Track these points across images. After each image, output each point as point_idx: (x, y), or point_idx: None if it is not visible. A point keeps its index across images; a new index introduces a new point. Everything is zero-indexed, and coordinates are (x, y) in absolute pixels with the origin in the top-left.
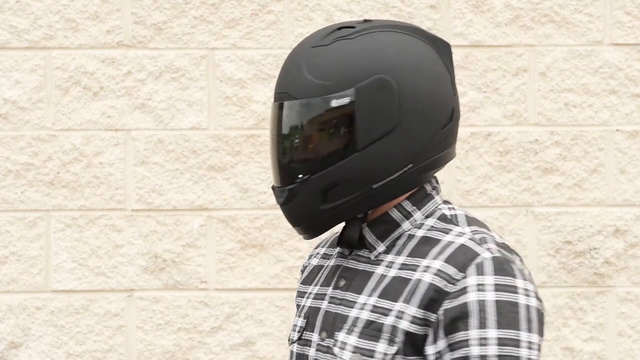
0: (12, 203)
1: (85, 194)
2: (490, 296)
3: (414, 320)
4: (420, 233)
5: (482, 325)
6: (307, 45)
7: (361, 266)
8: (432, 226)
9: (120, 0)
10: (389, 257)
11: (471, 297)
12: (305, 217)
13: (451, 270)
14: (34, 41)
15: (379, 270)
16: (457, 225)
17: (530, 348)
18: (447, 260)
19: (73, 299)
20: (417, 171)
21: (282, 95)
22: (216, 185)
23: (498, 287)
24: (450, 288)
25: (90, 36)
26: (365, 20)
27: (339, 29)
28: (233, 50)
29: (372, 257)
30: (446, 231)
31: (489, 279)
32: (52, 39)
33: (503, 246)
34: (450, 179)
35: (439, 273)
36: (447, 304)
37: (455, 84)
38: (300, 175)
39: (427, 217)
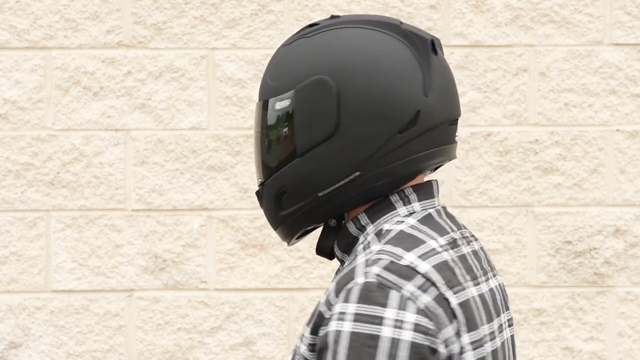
0: (12, 203)
1: (85, 194)
2: (347, 327)
3: (308, 346)
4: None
5: None
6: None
7: None
8: (368, 242)
9: (120, 0)
10: None
11: (332, 326)
12: (273, 222)
13: (332, 295)
14: (34, 41)
15: None
16: (379, 242)
17: None
18: (336, 284)
19: (73, 299)
20: (368, 180)
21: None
22: (216, 185)
23: (357, 317)
24: (327, 314)
25: (90, 36)
26: (333, 17)
27: (308, 26)
28: (233, 50)
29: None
30: (365, 248)
31: (351, 308)
32: (52, 39)
33: (398, 271)
34: (450, 179)
35: (327, 297)
36: (321, 332)
37: (430, 83)
38: (260, 179)
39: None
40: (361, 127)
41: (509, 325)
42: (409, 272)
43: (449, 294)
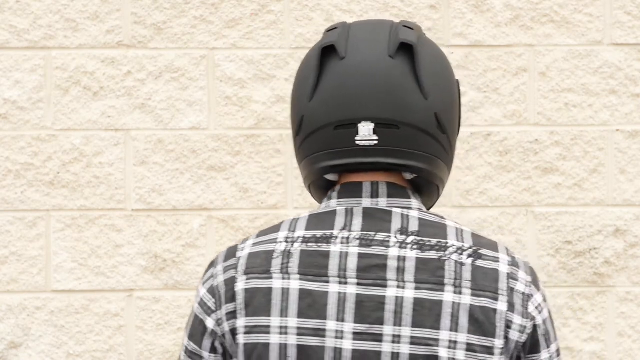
0: (12, 203)
1: (85, 194)
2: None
3: None
4: None
5: None
6: None
7: None
8: None
9: (120, 0)
10: None
11: None
12: None
13: None
14: (34, 41)
15: None
16: None
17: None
18: None
19: (73, 299)
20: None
21: None
22: (216, 185)
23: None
24: None
25: (90, 36)
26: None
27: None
28: (233, 50)
29: None
30: None
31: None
32: (52, 39)
33: (227, 252)
34: (450, 179)
35: None
36: None
37: (315, 89)
38: None
39: None
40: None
41: (425, 342)
42: (230, 255)
43: (241, 279)
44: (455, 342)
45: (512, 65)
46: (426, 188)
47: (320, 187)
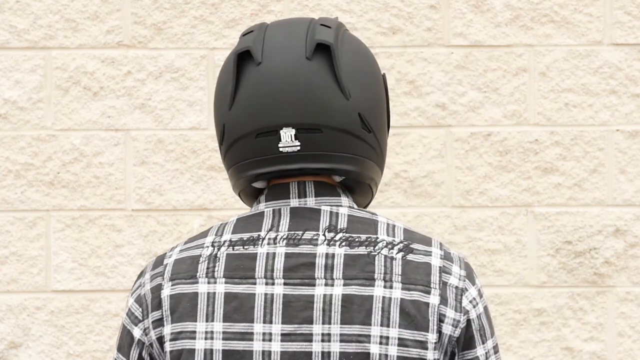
0: (12, 203)
1: (85, 194)
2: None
3: None
4: None
5: None
6: None
7: None
8: None
9: (120, 0)
10: None
11: None
12: None
13: None
14: (34, 41)
15: None
16: None
17: None
18: None
19: (73, 299)
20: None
21: None
22: (216, 185)
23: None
24: None
25: (90, 36)
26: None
27: None
28: None
29: None
30: None
31: None
32: (52, 39)
33: (155, 260)
34: (450, 179)
35: None
36: None
37: (234, 97)
38: None
39: None
40: None
41: (357, 339)
42: (158, 263)
43: (166, 285)
44: (387, 337)
45: (512, 65)
46: (358, 188)
47: (249, 194)
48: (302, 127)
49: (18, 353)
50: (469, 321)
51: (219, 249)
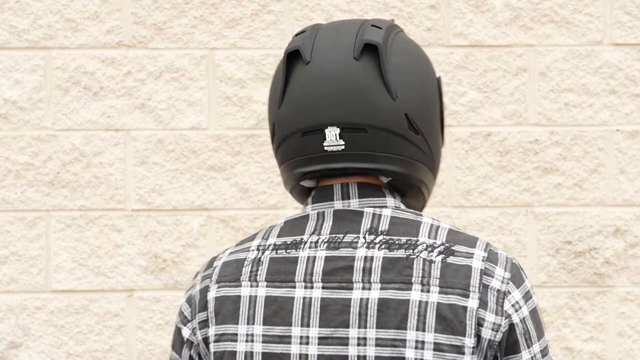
0: (12, 203)
1: (85, 194)
2: None
3: None
4: None
5: None
6: None
7: None
8: None
9: (120, 0)
10: None
11: None
12: None
13: None
14: (34, 41)
15: None
16: None
17: None
18: None
19: (73, 299)
20: None
21: None
22: (216, 185)
23: None
24: None
25: (90, 36)
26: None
27: None
28: (233, 50)
29: None
30: None
31: None
32: (52, 39)
33: (206, 262)
34: (450, 179)
35: None
36: None
37: (283, 96)
38: None
39: None
40: None
41: (391, 343)
42: (209, 264)
43: (213, 288)
44: (423, 342)
45: (512, 65)
46: (408, 190)
47: (299, 193)
48: (347, 126)
49: (18, 353)
50: (511, 325)
51: (263, 253)
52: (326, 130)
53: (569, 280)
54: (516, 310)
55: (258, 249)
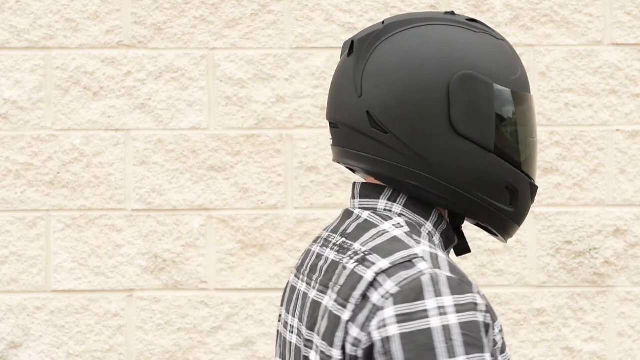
0: (12, 203)
1: (85, 194)
2: None
3: None
4: None
5: None
6: None
7: None
8: None
9: (120, 0)
10: None
11: None
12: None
13: None
14: (34, 41)
15: None
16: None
17: None
18: None
19: (73, 299)
20: None
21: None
22: (216, 185)
23: None
24: None
25: (90, 36)
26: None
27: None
28: (233, 50)
29: None
30: None
31: None
32: (52, 39)
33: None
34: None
35: None
36: None
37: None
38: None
39: None
40: None
41: (304, 343)
42: None
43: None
44: (318, 346)
45: None
46: (404, 190)
47: None
48: (330, 121)
49: (18, 353)
50: (372, 343)
51: (313, 244)
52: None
53: (569, 280)
54: (379, 328)
55: (315, 242)
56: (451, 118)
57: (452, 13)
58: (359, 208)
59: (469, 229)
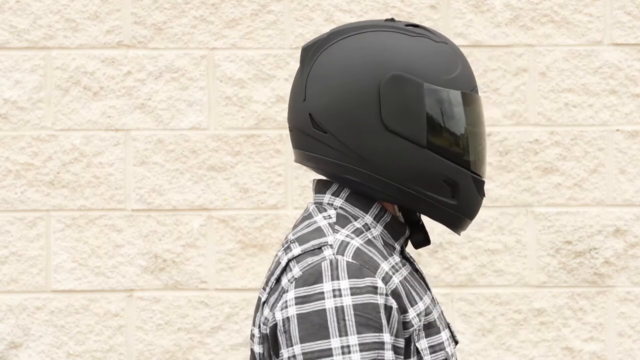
0: (12, 203)
1: (85, 194)
2: None
3: None
4: None
5: None
6: None
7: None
8: None
9: (120, 0)
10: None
11: None
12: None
13: None
14: (34, 41)
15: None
16: None
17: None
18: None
19: (73, 299)
20: None
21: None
22: (216, 185)
23: None
24: None
25: (90, 36)
26: None
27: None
28: (233, 50)
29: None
30: None
31: None
32: (52, 39)
33: None
34: None
35: None
36: None
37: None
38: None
39: None
40: None
41: (250, 336)
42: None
43: None
44: (255, 334)
45: (512, 65)
46: (347, 185)
47: None
48: (288, 126)
49: (18, 353)
50: (276, 322)
51: None
52: None
53: (569, 280)
54: (282, 309)
55: None
56: (382, 117)
57: (392, 20)
58: (313, 203)
59: (470, 229)
